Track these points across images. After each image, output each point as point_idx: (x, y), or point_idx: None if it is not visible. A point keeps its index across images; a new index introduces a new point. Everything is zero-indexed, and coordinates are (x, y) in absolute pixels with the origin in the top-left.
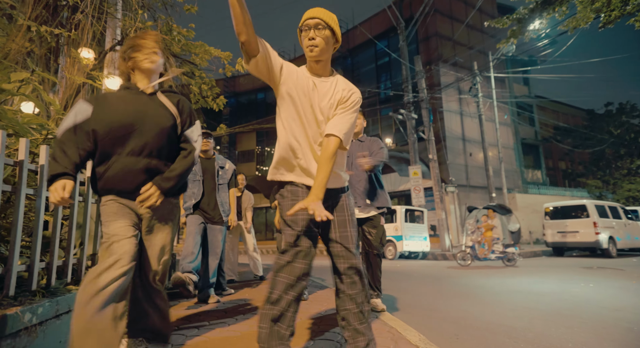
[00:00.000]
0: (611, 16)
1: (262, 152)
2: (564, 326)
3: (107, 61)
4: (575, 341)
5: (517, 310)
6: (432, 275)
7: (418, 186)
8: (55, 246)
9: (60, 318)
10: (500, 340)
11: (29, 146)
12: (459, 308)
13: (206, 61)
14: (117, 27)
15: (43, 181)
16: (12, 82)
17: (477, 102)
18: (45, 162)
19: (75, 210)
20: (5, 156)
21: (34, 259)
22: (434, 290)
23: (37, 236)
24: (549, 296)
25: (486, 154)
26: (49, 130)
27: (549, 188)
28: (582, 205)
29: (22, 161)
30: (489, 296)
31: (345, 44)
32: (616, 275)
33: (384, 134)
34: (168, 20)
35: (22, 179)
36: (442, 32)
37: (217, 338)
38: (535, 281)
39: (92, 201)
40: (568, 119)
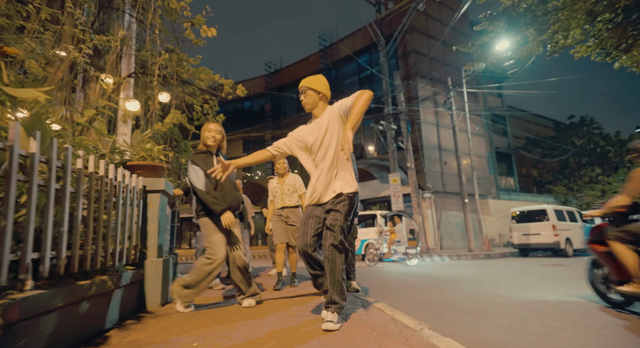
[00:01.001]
0: (556, 47)
1: None
2: (500, 303)
3: (123, 85)
4: (502, 311)
5: (470, 294)
6: (406, 272)
7: (397, 193)
8: (117, 237)
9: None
10: (447, 312)
11: (96, 162)
12: (423, 294)
13: (208, 83)
14: (132, 56)
15: (120, 190)
16: (85, 117)
17: (451, 115)
18: (112, 175)
19: (127, 212)
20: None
21: (108, 244)
22: (406, 283)
23: (109, 229)
24: (498, 284)
25: (459, 163)
26: (97, 149)
27: (520, 194)
28: (543, 210)
29: (95, 173)
30: (450, 285)
31: (330, 57)
32: (564, 270)
33: (366, 143)
34: (177, 51)
35: (102, 189)
36: (419, 49)
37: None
38: (496, 276)
39: (135, 205)
40: (539, 129)
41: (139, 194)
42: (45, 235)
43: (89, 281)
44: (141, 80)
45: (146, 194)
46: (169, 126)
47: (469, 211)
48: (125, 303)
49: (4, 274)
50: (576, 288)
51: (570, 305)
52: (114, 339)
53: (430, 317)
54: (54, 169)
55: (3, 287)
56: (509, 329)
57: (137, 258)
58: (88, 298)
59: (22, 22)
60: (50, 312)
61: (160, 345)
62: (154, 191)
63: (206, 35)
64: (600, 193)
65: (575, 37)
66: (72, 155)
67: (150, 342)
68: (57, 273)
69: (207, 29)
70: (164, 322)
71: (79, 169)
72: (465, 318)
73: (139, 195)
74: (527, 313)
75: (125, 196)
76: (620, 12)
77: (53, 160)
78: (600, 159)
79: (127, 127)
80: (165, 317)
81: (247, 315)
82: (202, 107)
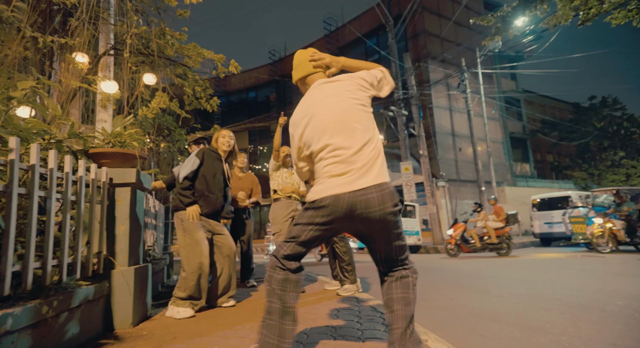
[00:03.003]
0: (589, 14)
1: (255, 150)
2: (544, 309)
3: (101, 64)
4: (552, 321)
5: (503, 296)
6: (422, 268)
7: (409, 182)
8: (65, 245)
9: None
10: (484, 323)
11: (39, 151)
12: (448, 297)
13: (199, 63)
14: (110, 32)
15: (53, 184)
16: (20, 90)
17: (466, 98)
18: (53, 165)
19: (81, 211)
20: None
21: (47, 256)
22: (424, 281)
23: (49, 235)
24: (532, 283)
25: (475, 149)
26: (51, 135)
27: (537, 181)
28: (566, 196)
29: (33, 166)
30: (476, 285)
31: (336, 42)
32: (599, 262)
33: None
34: (161, 24)
35: (35, 183)
36: (430, 30)
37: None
38: (521, 270)
39: (97, 202)
40: (555, 112)
41: (103, 189)
42: None
43: (11, 311)
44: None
45: (114, 188)
46: (156, 111)
47: (486, 200)
48: (79, 326)
49: None
50: (626, 285)
51: (630, 310)
52: None
53: (465, 330)
54: None
55: None
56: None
57: (101, 268)
58: (7, 333)
59: None
60: None
61: None
62: (124, 185)
63: (190, 2)
64: (625, 177)
65: (612, 0)
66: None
67: None
68: None
69: None
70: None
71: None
72: (509, 333)
73: (104, 190)
74: (584, 324)
75: (77, 191)
76: None
77: None
78: (623, 141)
79: (107, 113)
80: (132, 342)
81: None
82: (194, 90)
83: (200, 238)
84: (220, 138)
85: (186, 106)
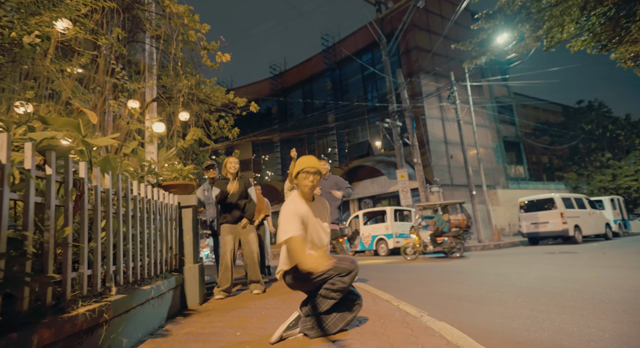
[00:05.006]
0: (552, 42)
1: (258, 160)
2: (499, 292)
3: (148, 109)
4: (500, 299)
5: (473, 284)
6: (415, 266)
7: (405, 188)
8: (164, 248)
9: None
10: (451, 302)
11: (144, 186)
12: (429, 287)
13: (221, 101)
14: (154, 85)
15: (157, 209)
16: (130, 148)
17: (456, 109)
18: (137, 193)
19: (171, 227)
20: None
21: (164, 254)
22: (413, 276)
23: (158, 242)
24: (501, 274)
25: (465, 155)
26: (138, 173)
27: (529, 183)
28: (550, 198)
29: (136, 196)
30: (458, 278)
31: (333, 56)
32: (570, 257)
33: (372, 140)
34: (197, 76)
35: (144, 208)
36: (421, 45)
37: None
38: (502, 265)
39: (173, 219)
40: (548, 116)
41: (176, 210)
42: (118, 252)
43: (149, 287)
44: (165, 103)
45: (181, 209)
46: (190, 142)
47: (477, 202)
48: (173, 303)
49: (99, 283)
50: (577, 274)
51: (564, 291)
52: (172, 331)
53: (434, 306)
54: (120, 199)
55: (99, 293)
56: (502, 314)
57: (177, 265)
58: (149, 299)
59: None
60: (128, 311)
61: (210, 335)
62: (187, 207)
63: (221, 60)
64: (611, 177)
65: (570, 31)
66: (129, 185)
67: (202, 333)
68: (127, 281)
69: (222, 55)
70: (207, 318)
71: (135, 196)
72: (466, 307)
73: (176, 211)
74: (522, 299)
75: (167, 212)
76: (613, 6)
77: (119, 192)
78: (610, 143)
79: (153, 146)
80: (207, 314)
81: (271, 303)
82: (218, 122)
83: (227, 242)
84: (228, 165)
85: (212, 135)
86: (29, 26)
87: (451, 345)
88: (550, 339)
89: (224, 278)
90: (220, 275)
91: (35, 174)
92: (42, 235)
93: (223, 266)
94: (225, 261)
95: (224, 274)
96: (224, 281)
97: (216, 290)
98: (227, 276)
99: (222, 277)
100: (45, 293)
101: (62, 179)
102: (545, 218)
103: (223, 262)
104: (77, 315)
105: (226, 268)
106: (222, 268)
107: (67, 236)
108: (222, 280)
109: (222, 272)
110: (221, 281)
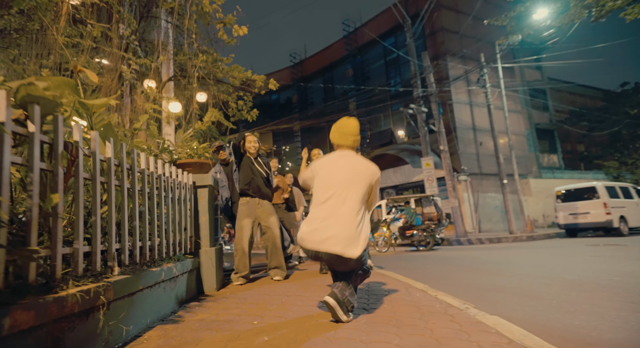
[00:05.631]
0: (602, 11)
1: (279, 150)
2: (545, 284)
3: (165, 89)
4: (549, 292)
5: (512, 276)
6: (444, 257)
7: (431, 177)
8: (177, 229)
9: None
10: (490, 293)
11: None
12: (463, 277)
13: (240, 81)
14: (170, 61)
15: (169, 186)
16: (140, 122)
17: (486, 93)
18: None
19: (185, 207)
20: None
21: (182, 236)
22: (445, 267)
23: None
24: (543, 266)
25: (496, 142)
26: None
27: (564, 172)
28: (592, 187)
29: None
30: (492, 269)
31: (354, 42)
32: (618, 249)
33: (395, 128)
34: (213, 53)
35: (161, 186)
36: (448, 26)
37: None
38: (540, 257)
39: (188, 200)
40: (585, 101)
41: (191, 190)
42: (123, 229)
43: (158, 269)
44: (181, 82)
45: (196, 189)
46: (208, 124)
47: (509, 192)
48: (187, 287)
49: (98, 261)
50: (635, 267)
51: (626, 285)
52: (185, 318)
53: (472, 298)
54: (125, 171)
55: (99, 272)
56: (557, 309)
57: (193, 247)
58: (159, 282)
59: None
60: (133, 294)
61: (224, 323)
62: (203, 186)
63: (238, 34)
64: None
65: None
66: (135, 157)
67: (216, 320)
68: (134, 261)
69: (239, 28)
70: (224, 304)
71: (143, 170)
72: (510, 299)
73: (191, 191)
74: (577, 293)
75: (180, 192)
76: None
77: (123, 162)
78: None
79: (170, 127)
80: (223, 300)
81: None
82: (237, 103)
83: (244, 226)
84: (247, 144)
85: (231, 118)
86: None
87: (514, 344)
88: (633, 342)
89: (241, 263)
90: (236, 260)
91: (13, 129)
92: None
93: (240, 252)
94: (242, 246)
95: (240, 259)
96: (242, 267)
97: (234, 276)
98: (245, 262)
99: (239, 263)
100: (27, 270)
101: (50, 140)
102: (585, 208)
103: (239, 247)
104: (67, 295)
105: (243, 253)
106: (238, 253)
107: (57, 205)
108: (239, 265)
109: (238, 258)
110: (238, 267)
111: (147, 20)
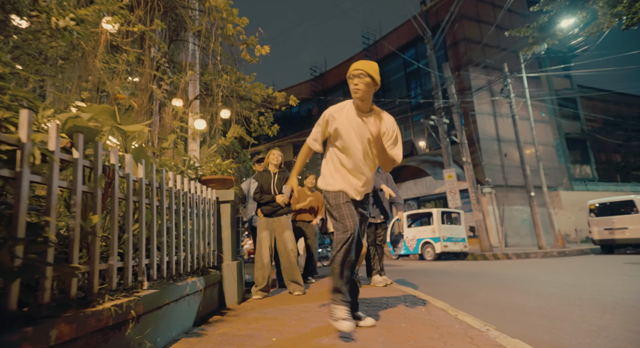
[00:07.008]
0: (634, 18)
1: None
2: (576, 305)
3: (191, 107)
4: (579, 314)
5: (540, 295)
6: (468, 272)
7: (453, 189)
8: (201, 244)
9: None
10: (516, 314)
11: (180, 179)
12: (488, 295)
13: (262, 98)
14: (196, 81)
15: (194, 202)
16: (167, 141)
17: (510, 103)
18: (172, 185)
19: (209, 221)
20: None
21: (208, 248)
22: (468, 283)
23: (199, 236)
24: (575, 285)
25: (522, 153)
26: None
27: (599, 184)
28: (629, 200)
29: (171, 188)
30: (518, 286)
31: (374, 55)
32: None
33: (416, 139)
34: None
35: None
36: (470, 37)
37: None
38: (571, 274)
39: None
40: (621, 109)
41: (214, 205)
42: (152, 244)
43: (184, 283)
44: (207, 101)
45: (219, 204)
46: (231, 139)
47: (537, 205)
48: (210, 301)
49: (130, 276)
50: None
51: None
52: (208, 331)
53: (495, 318)
54: (154, 190)
55: (130, 287)
56: (587, 333)
57: (216, 261)
58: (184, 296)
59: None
60: (160, 307)
61: (245, 338)
62: (226, 202)
63: (260, 53)
64: None
65: None
66: (164, 175)
67: (237, 334)
68: (161, 275)
69: (261, 48)
70: (244, 318)
71: (171, 188)
72: (536, 321)
73: (214, 206)
74: (611, 316)
75: (204, 207)
76: None
77: (153, 182)
78: None
79: (195, 144)
80: (244, 314)
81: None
82: (259, 119)
83: (263, 238)
84: (271, 156)
85: (252, 133)
86: (65, 11)
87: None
88: None
89: (260, 276)
90: (256, 273)
91: (60, 157)
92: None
93: (259, 264)
94: (262, 259)
95: (260, 272)
96: (261, 280)
97: (254, 290)
98: (264, 275)
99: (258, 275)
100: (69, 285)
101: (91, 164)
102: (622, 223)
103: (259, 259)
104: (103, 309)
105: (262, 265)
106: (257, 265)
107: (95, 225)
108: (258, 278)
109: (258, 270)
110: (258, 280)
111: (175, 43)
